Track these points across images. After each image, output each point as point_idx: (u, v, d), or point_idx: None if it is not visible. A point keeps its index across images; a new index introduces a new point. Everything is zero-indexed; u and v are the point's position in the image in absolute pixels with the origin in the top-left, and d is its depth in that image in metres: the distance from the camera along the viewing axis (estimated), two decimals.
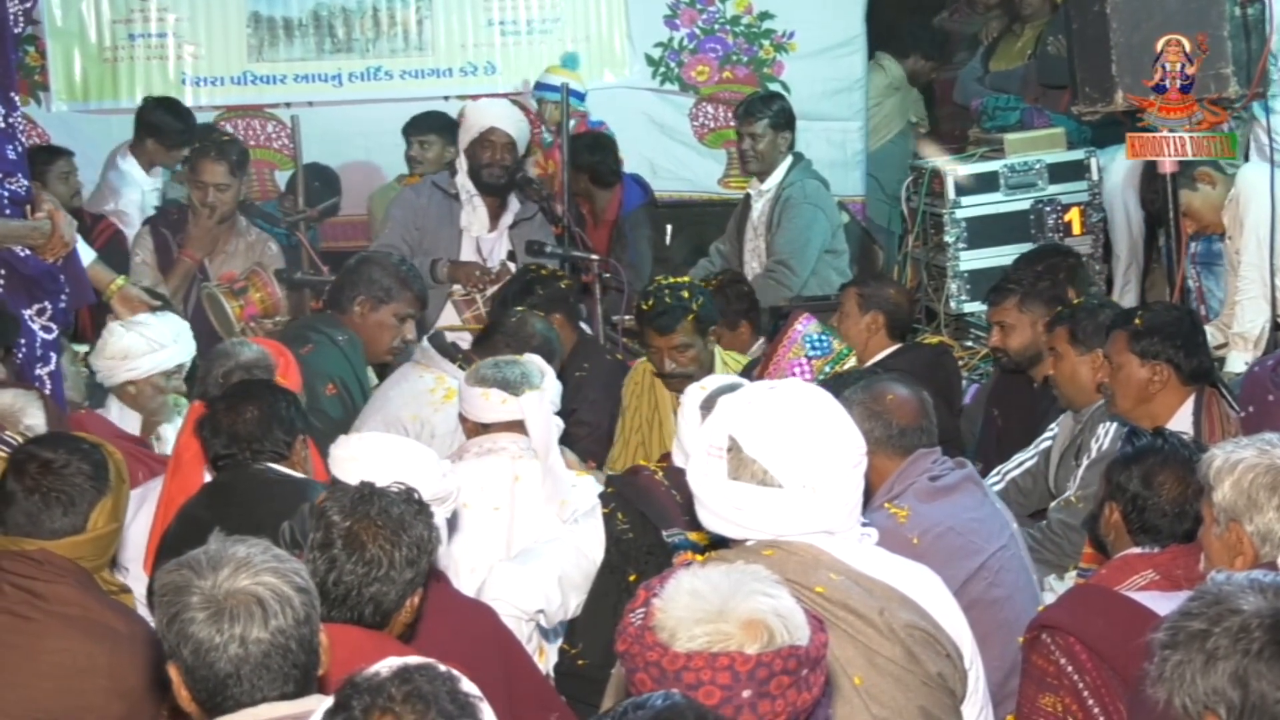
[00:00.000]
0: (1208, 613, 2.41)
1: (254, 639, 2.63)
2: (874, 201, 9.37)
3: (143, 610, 3.84)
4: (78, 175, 7.96)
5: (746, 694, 2.35)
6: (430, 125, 8.24)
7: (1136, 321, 4.85)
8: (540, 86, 8.54)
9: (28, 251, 4.94)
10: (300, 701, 2.67)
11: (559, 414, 4.80)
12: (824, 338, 5.93)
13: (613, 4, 9.21)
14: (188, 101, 8.94)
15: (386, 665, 2.31)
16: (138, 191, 8.11)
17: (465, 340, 6.13)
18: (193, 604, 2.65)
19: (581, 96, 8.49)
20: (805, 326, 5.97)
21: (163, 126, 7.98)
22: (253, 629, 2.63)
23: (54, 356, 5.08)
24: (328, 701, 2.32)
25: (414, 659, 2.36)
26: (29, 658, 3.46)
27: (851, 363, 5.83)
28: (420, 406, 5.48)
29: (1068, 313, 5.31)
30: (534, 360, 4.79)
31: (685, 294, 5.76)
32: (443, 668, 2.34)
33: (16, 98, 5.10)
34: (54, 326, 5.07)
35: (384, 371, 6.14)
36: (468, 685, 2.32)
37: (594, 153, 8.27)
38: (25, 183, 4.98)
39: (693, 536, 4.01)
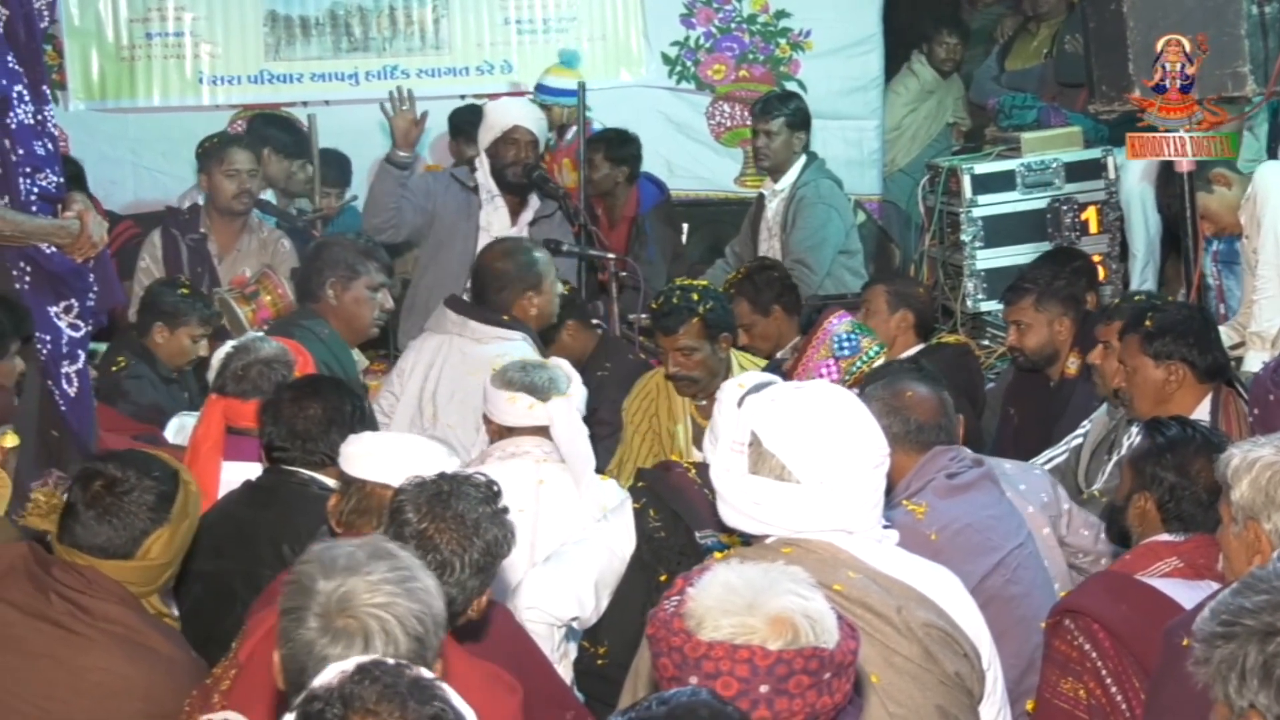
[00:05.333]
0: (1272, 617, 2.36)
1: None
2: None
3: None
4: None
5: (764, 689, 2.35)
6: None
7: (1147, 323, 4.84)
8: (545, 90, 8.48)
9: (54, 249, 4.95)
10: None
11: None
12: (853, 336, 5.90)
13: (629, 2, 9.23)
14: (204, 100, 8.99)
15: (335, 671, 2.28)
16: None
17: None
18: (310, 606, 2.60)
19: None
20: (836, 325, 5.95)
21: (271, 139, 7.99)
22: (349, 657, 2.54)
23: (81, 354, 5.08)
24: (288, 718, 2.29)
25: (361, 657, 2.34)
26: (69, 673, 3.47)
27: (880, 363, 5.81)
28: None
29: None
30: (561, 366, 4.78)
31: (695, 296, 5.66)
32: (391, 661, 2.32)
33: (48, 93, 5.11)
34: (81, 324, 5.07)
35: (369, 352, 6.21)
36: (425, 670, 2.31)
37: (628, 146, 8.28)
38: (55, 179, 4.97)
39: (725, 539, 3.99)
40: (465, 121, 8.28)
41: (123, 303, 5.66)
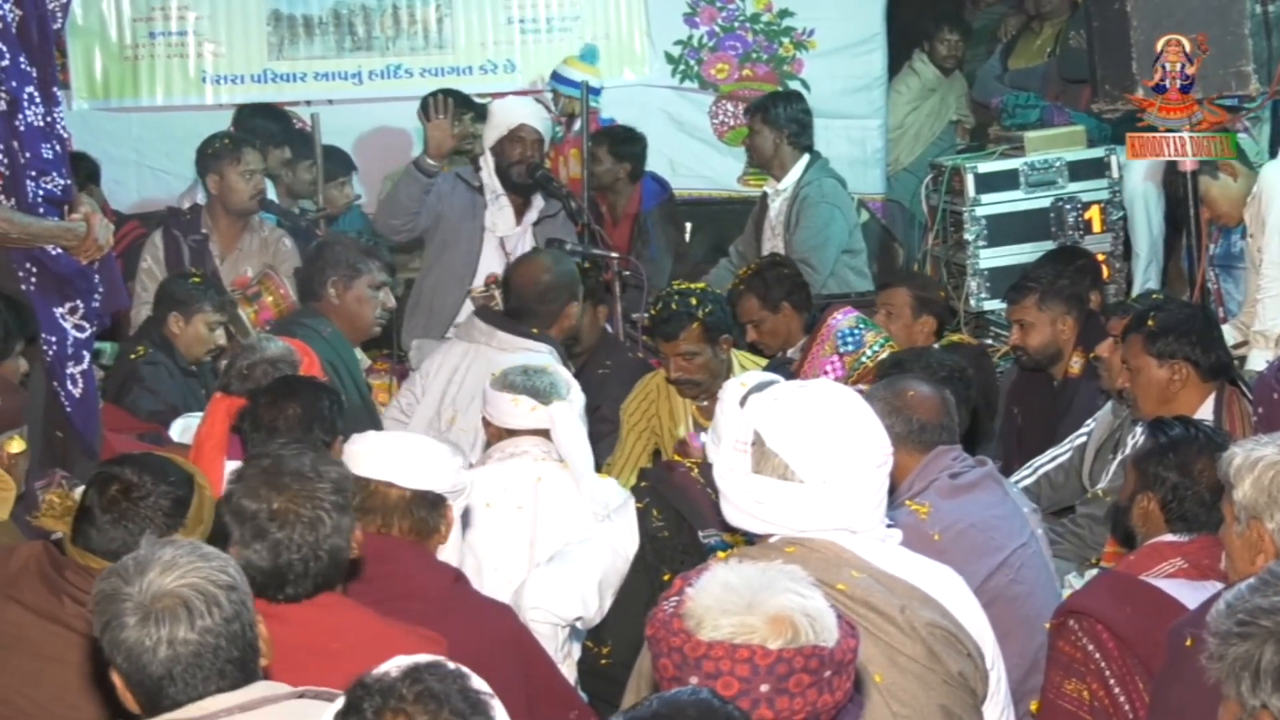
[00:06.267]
0: None
1: (182, 640, 2.65)
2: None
3: None
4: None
5: (765, 688, 2.35)
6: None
7: (1150, 323, 4.84)
8: (557, 78, 8.52)
9: (59, 250, 4.95)
10: (245, 690, 2.71)
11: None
12: (857, 331, 5.91)
13: (632, 2, 9.24)
14: (207, 99, 8.99)
15: (395, 665, 2.31)
16: None
17: None
18: (124, 610, 2.67)
19: (597, 92, 8.50)
20: (840, 321, 5.95)
21: (259, 130, 7.99)
22: (180, 630, 2.65)
23: (86, 355, 5.08)
24: (338, 703, 2.32)
25: (424, 657, 2.35)
26: (79, 677, 3.47)
27: (884, 356, 5.81)
28: None
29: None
30: (560, 372, 4.80)
31: (693, 301, 5.67)
32: (451, 665, 2.34)
33: (59, 94, 5.10)
34: (86, 325, 5.07)
35: (372, 351, 6.21)
36: (478, 682, 2.32)
37: (633, 144, 8.29)
38: (63, 182, 4.97)
39: (728, 538, 4.00)
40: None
41: (127, 305, 5.66)
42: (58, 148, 4.97)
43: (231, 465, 4.66)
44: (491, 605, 3.86)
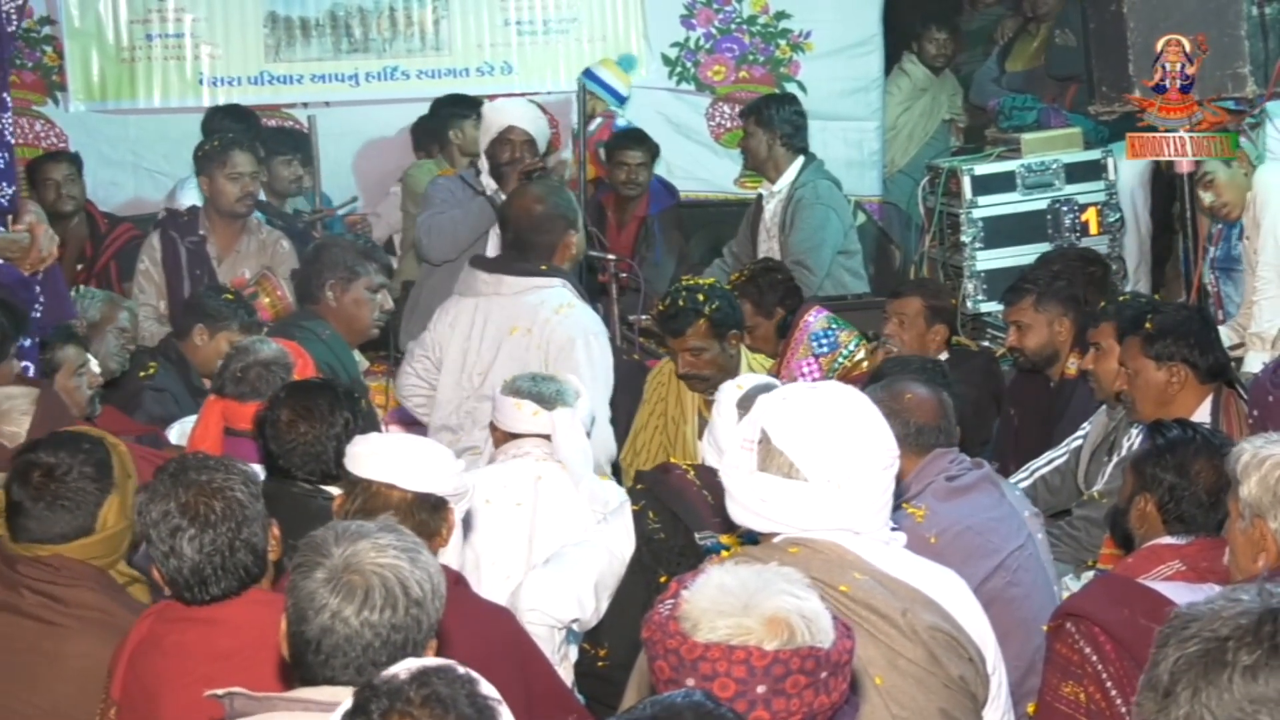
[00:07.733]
0: (1202, 633, 2.28)
1: (343, 618, 2.64)
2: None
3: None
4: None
5: (761, 690, 2.35)
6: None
7: (1148, 325, 4.83)
8: (589, 75, 8.54)
9: (3, 260, 4.91)
10: None
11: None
12: (830, 332, 5.93)
13: (629, 4, 9.24)
14: (204, 101, 8.99)
15: (404, 667, 2.30)
16: None
17: None
18: (318, 563, 2.67)
19: (623, 100, 8.51)
20: (813, 322, 5.95)
21: (224, 130, 7.98)
22: (347, 609, 2.64)
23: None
24: (345, 704, 2.32)
25: (433, 660, 2.35)
26: (53, 663, 3.49)
27: (860, 355, 5.82)
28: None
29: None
30: (571, 381, 4.80)
31: (700, 297, 5.69)
32: (461, 669, 2.32)
33: (8, 98, 5.05)
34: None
35: (370, 353, 6.21)
36: (486, 687, 2.31)
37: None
38: (10, 190, 4.94)
39: (725, 540, 4.00)
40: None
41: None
42: (6, 156, 4.93)
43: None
44: (491, 608, 3.85)
